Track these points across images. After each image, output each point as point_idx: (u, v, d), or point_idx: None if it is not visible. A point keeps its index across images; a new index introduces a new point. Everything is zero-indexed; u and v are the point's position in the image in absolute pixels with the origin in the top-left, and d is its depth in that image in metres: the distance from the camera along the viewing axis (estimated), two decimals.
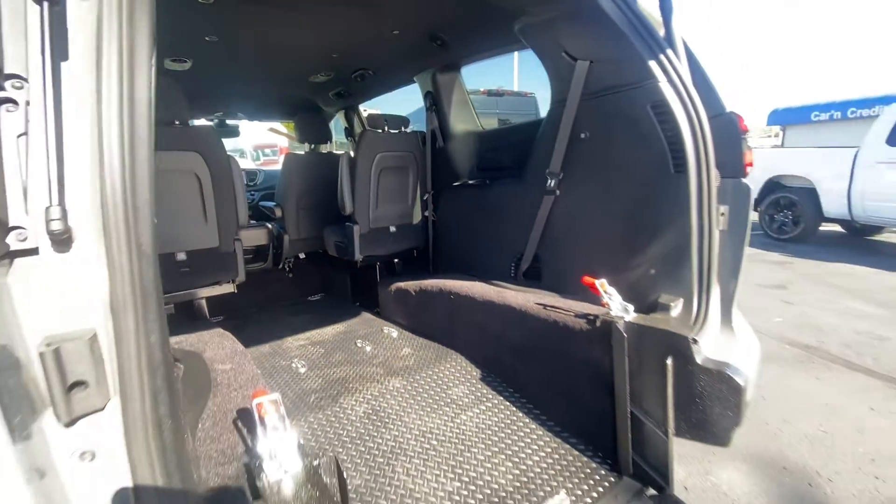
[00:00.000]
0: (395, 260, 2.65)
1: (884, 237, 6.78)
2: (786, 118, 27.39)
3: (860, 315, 3.45)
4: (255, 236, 2.69)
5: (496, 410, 1.57)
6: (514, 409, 1.58)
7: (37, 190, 0.42)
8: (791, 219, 6.38)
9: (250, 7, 1.58)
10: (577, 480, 1.29)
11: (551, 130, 1.60)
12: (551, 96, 1.61)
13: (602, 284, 1.34)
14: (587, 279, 1.37)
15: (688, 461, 1.82)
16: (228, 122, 3.51)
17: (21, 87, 0.43)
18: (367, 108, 3.77)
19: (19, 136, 0.42)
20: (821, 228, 7.21)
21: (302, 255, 3.22)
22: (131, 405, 0.43)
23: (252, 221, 2.56)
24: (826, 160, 5.99)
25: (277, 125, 4.49)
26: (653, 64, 1.22)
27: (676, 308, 1.28)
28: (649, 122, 1.27)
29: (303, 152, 3.18)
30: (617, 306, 1.31)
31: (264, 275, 2.86)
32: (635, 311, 1.30)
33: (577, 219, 1.61)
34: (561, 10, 1.35)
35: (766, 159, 7.04)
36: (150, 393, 0.45)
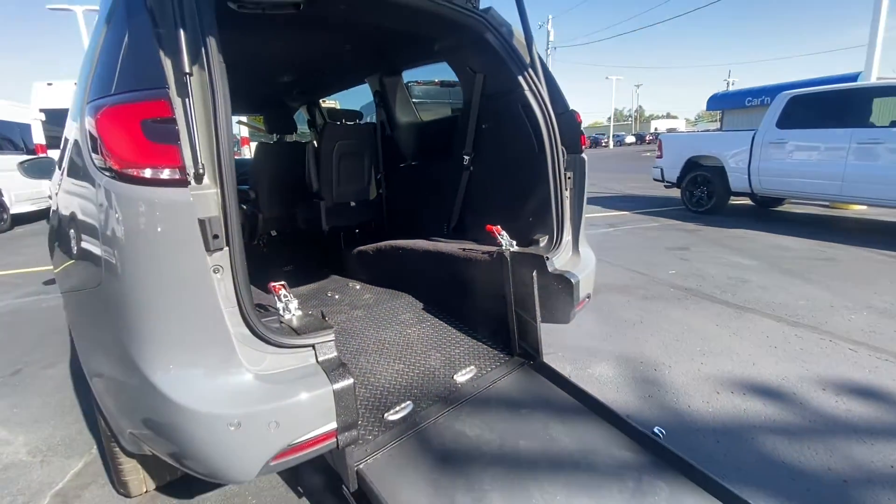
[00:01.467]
0: (356, 230, 3.20)
1: (784, 208, 7.88)
2: (723, 103, 28.92)
3: (737, 266, 4.31)
4: None
5: (432, 325, 2.18)
6: (445, 323, 2.19)
7: (187, 154, 0.95)
8: (706, 193, 7.32)
9: (239, 33, 2.07)
10: (483, 360, 1.92)
11: (465, 122, 2.20)
12: (463, 97, 2.22)
13: (497, 229, 1.96)
14: (489, 227, 1.99)
15: (573, 362, 2.50)
16: None
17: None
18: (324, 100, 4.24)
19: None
20: (735, 202, 8.26)
21: (274, 233, 3.70)
22: (233, 249, 0.98)
23: None
24: (731, 141, 6.92)
25: (243, 118, 4.88)
26: (520, 78, 1.83)
27: (543, 242, 1.92)
28: (521, 117, 1.88)
29: (271, 142, 3.65)
30: (506, 243, 1.93)
31: None
32: (518, 245, 1.93)
33: (484, 187, 2.23)
34: (461, 40, 1.94)
35: (686, 142, 7.99)
36: (239, 248, 1.00)
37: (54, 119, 7.63)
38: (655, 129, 73.02)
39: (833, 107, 5.79)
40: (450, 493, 1.30)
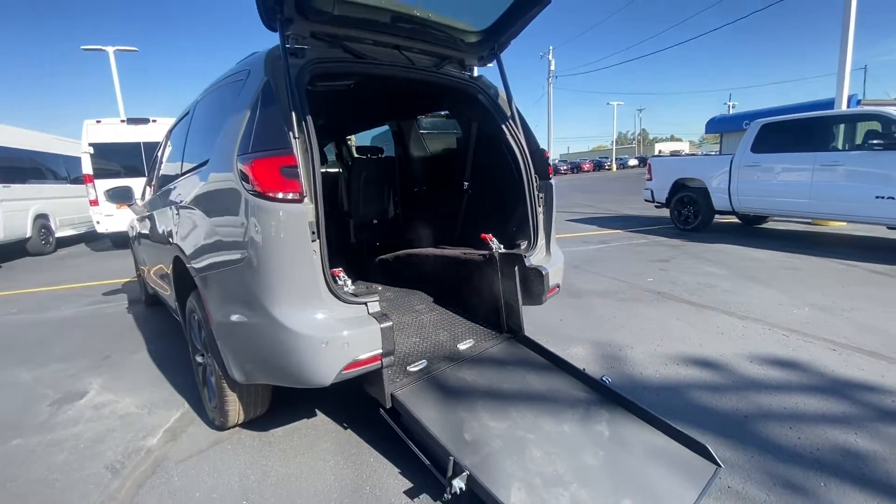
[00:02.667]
0: (378, 242, 3.86)
1: (768, 225, 8.43)
2: (721, 126, 29.76)
3: (708, 274, 4.88)
4: None
5: (440, 312, 2.80)
6: (451, 311, 2.81)
7: (302, 183, 1.61)
8: (692, 212, 7.92)
9: None
10: (479, 335, 2.53)
11: (464, 157, 2.89)
12: (462, 138, 2.91)
13: (489, 237, 2.60)
14: (483, 235, 2.63)
15: (554, 346, 3.08)
16: None
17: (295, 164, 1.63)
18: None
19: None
20: (723, 221, 8.83)
21: None
22: (321, 240, 1.62)
23: None
24: (713, 164, 7.57)
25: None
26: (503, 126, 2.52)
27: (523, 245, 2.56)
28: (504, 154, 2.55)
29: None
30: (496, 247, 2.57)
31: None
32: (504, 248, 2.57)
33: (479, 205, 2.89)
34: (460, 99, 2.65)
35: (673, 165, 8.65)
36: (324, 240, 1.64)
37: (101, 152, 8.48)
38: (660, 151, 74.23)
39: (799, 133, 6.42)
40: (454, 410, 1.90)
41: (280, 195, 1.56)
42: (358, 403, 2.40)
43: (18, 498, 1.87)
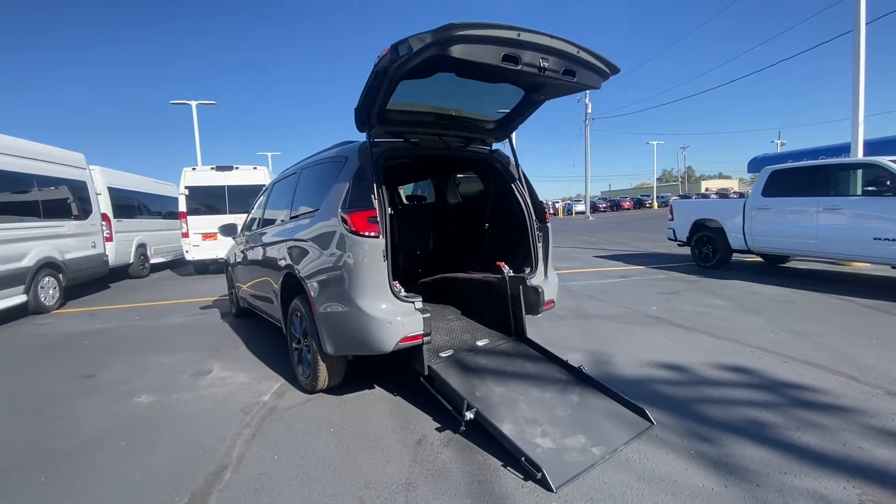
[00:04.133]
0: (420, 269, 4.88)
1: (790, 265, 8.77)
2: (763, 165, 29.22)
3: (708, 305, 5.51)
4: None
5: (466, 321, 3.73)
6: (476, 322, 3.73)
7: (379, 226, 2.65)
8: (711, 251, 8.47)
9: None
10: (493, 336, 3.42)
11: (484, 205, 3.90)
12: (484, 191, 3.93)
13: (502, 264, 3.54)
14: (498, 263, 3.58)
15: (556, 351, 3.91)
16: None
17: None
18: None
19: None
20: (747, 259, 9.24)
21: None
22: (388, 260, 2.63)
23: None
24: (728, 206, 8.17)
25: None
26: (513, 185, 3.51)
27: (527, 270, 3.48)
28: (512, 205, 3.52)
29: None
30: (507, 271, 3.50)
31: None
32: (513, 272, 3.50)
33: (495, 241, 3.86)
34: (482, 165, 3.69)
35: (693, 207, 9.27)
36: (390, 260, 2.65)
37: (193, 193, 10.19)
38: (706, 189, 72.58)
39: (804, 179, 6.99)
40: (470, 379, 2.80)
41: (366, 233, 2.60)
42: (404, 383, 3.34)
43: (187, 421, 2.92)
